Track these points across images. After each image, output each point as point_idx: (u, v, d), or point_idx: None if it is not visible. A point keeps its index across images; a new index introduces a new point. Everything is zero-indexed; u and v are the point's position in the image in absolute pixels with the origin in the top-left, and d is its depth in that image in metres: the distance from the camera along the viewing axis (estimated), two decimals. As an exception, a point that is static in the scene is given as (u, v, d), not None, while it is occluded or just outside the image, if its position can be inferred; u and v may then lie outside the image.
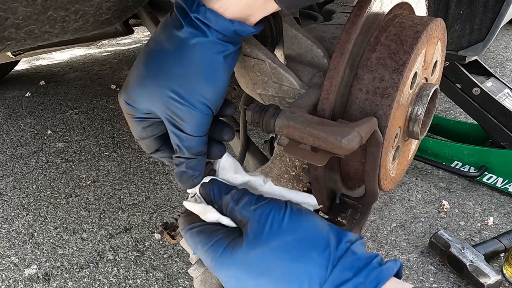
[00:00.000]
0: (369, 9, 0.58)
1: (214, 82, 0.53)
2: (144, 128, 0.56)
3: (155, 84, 0.52)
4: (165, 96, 0.51)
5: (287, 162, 0.67)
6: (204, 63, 0.51)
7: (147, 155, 2.16)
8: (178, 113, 0.52)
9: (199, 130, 0.54)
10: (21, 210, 1.84)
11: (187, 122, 0.52)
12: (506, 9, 1.29)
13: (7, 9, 0.44)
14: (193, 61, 0.51)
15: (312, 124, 0.51)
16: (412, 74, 0.60)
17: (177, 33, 0.51)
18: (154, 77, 0.52)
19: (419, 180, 1.92)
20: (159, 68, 0.52)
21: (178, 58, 0.51)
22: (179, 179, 0.57)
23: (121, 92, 0.55)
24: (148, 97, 0.52)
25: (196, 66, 0.51)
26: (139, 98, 0.53)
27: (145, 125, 0.56)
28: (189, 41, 0.51)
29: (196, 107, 0.52)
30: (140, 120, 0.55)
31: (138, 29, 4.18)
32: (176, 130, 0.53)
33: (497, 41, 3.68)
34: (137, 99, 0.53)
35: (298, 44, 0.66)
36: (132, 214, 1.78)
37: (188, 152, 0.54)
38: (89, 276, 1.48)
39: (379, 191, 0.65)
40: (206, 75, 0.52)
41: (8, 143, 2.39)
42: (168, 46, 0.51)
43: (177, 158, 0.55)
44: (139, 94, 0.53)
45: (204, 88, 0.52)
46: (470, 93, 1.80)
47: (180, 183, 0.57)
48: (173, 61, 0.51)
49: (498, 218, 1.67)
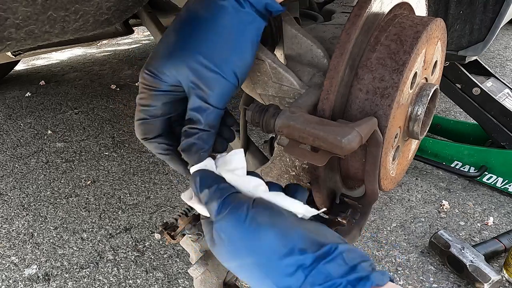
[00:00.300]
0: (369, 9, 0.58)
1: (244, 53, 0.54)
2: (164, 103, 0.56)
3: (187, 49, 0.52)
4: (195, 62, 0.52)
5: (287, 162, 0.67)
6: (238, 32, 0.53)
7: (147, 156, 2.16)
8: (206, 79, 0.53)
9: (222, 101, 0.54)
10: (21, 210, 1.84)
11: (213, 90, 0.53)
12: (506, 9, 1.29)
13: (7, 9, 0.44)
14: (228, 28, 0.53)
15: (312, 124, 0.51)
16: (412, 74, 0.60)
17: (217, 1, 0.52)
18: (186, 43, 0.53)
19: (419, 180, 1.92)
20: (192, 34, 0.53)
21: (213, 25, 0.53)
22: (187, 151, 0.56)
23: (147, 64, 0.54)
24: (178, 65, 0.53)
25: (230, 35, 0.53)
26: (167, 67, 0.53)
27: (166, 100, 0.55)
28: (227, 9, 0.52)
29: (226, 75, 0.53)
30: (162, 94, 0.55)
31: (138, 29, 4.18)
32: (198, 99, 0.53)
33: (497, 41, 3.68)
34: (165, 68, 0.53)
35: (298, 44, 0.66)
36: (132, 214, 1.78)
37: (204, 123, 0.54)
38: (89, 276, 1.48)
39: (379, 191, 0.65)
40: (237, 45, 0.53)
41: (8, 143, 2.39)
42: (204, 13, 0.53)
43: (190, 129, 0.55)
44: (167, 63, 0.53)
45: (235, 58, 0.54)
46: (470, 93, 1.80)
47: (187, 156, 0.56)
48: (208, 28, 0.53)
49: (498, 218, 1.67)
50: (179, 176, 2.01)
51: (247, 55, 0.55)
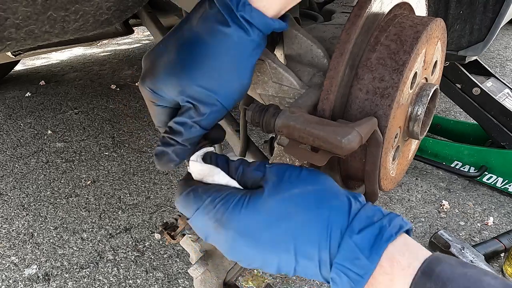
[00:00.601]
0: (369, 9, 0.58)
1: (244, 79, 0.54)
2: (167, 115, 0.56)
3: (186, 72, 0.52)
4: (194, 86, 0.52)
5: (287, 162, 0.67)
6: (240, 60, 0.53)
7: (147, 156, 2.16)
8: (202, 104, 0.52)
9: (211, 124, 0.55)
10: (21, 210, 1.84)
11: (207, 113, 0.53)
12: (506, 9, 1.29)
13: (7, 9, 0.44)
14: (231, 57, 0.52)
15: (312, 124, 0.51)
16: (412, 74, 0.60)
17: (221, 29, 0.51)
18: (186, 65, 0.52)
19: (419, 180, 1.92)
20: (193, 57, 0.52)
21: (216, 53, 0.52)
22: (158, 158, 0.56)
23: (146, 79, 0.54)
24: (176, 87, 0.52)
25: (232, 63, 0.52)
26: (166, 87, 0.53)
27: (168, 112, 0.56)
28: (231, 38, 0.51)
29: (223, 101, 0.53)
30: (162, 107, 0.56)
31: (138, 29, 4.18)
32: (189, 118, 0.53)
33: (497, 41, 3.68)
34: (164, 87, 0.53)
35: (298, 44, 0.66)
36: (132, 214, 1.78)
37: (186, 139, 0.54)
38: (89, 276, 1.48)
39: (379, 191, 0.65)
40: (239, 72, 0.53)
41: (8, 143, 2.39)
42: (207, 38, 0.52)
43: (168, 139, 0.55)
44: (166, 82, 0.53)
45: (235, 84, 0.54)
46: (470, 93, 1.80)
47: (157, 163, 0.56)
48: (210, 54, 0.52)
49: (498, 218, 1.67)
50: (179, 176, 2.01)
51: (247, 79, 0.55)
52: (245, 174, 0.54)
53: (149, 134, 2.38)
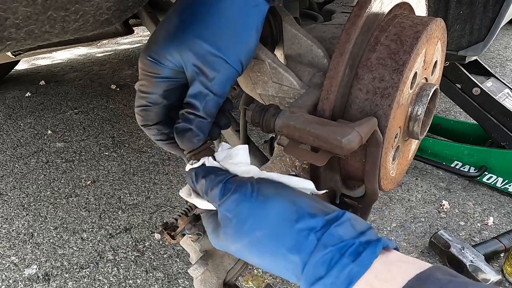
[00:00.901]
0: (369, 9, 0.58)
1: (248, 39, 0.54)
2: (165, 91, 0.55)
3: (191, 33, 0.51)
4: (200, 46, 0.51)
5: (287, 162, 0.67)
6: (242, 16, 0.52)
7: (147, 156, 2.16)
8: (210, 65, 0.52)
9: (224, 88, 0.53)
10: (21, 210, 1.84)
11: (216, 75, 0.52)
12: (506, 9, 1.29)
13: (7, 9, 0.44)
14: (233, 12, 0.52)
15: (312, 124, 0.51)
16: (412, 74, 0.60)
17: None
18: (189, 26, 0.51)
19: (419, 180, 1.92)
20: (195, 17, 0.52)
21: (218, 9, 0.51)
22: (181, 136, 0.55)
23: (146, 50, 0.53)
24: (181, 49, 0.51)
25: (235, 19, 0.52)
26: (169, 51, 0.52)
27: (167, 87, 0.55)
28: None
29: (231, 61, 0.52)
30: (163, 81, 0.54)
31: (138, 29, 4.18)
32: (200, 85, 0.52)
33: (497, 41, 3.68)
34: (168, 52, 0.52)
35: (298, 44, 0.66)
36: (132, 214, 1.78)
37: (203, 110, 0.53)
38: (89, 276, 1.48)
39: (379, 191, 0.65)
40: (242, 30, 0.53)
41: (8, 143, 2.39)
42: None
43: (188, 114, 0.54)
44: (169, 47, 0.52)
45: (240, 44, 0.53)
46: (470, 93, 1.80)
47: (180, 139, 0.56)
48: (212, 12, 0.51)
49: (498, 218, 1.67)
50: (179, 176, 2.01)
51: (251, 41, 0.54)
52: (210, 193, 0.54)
53: (149, 134, 2.37)
